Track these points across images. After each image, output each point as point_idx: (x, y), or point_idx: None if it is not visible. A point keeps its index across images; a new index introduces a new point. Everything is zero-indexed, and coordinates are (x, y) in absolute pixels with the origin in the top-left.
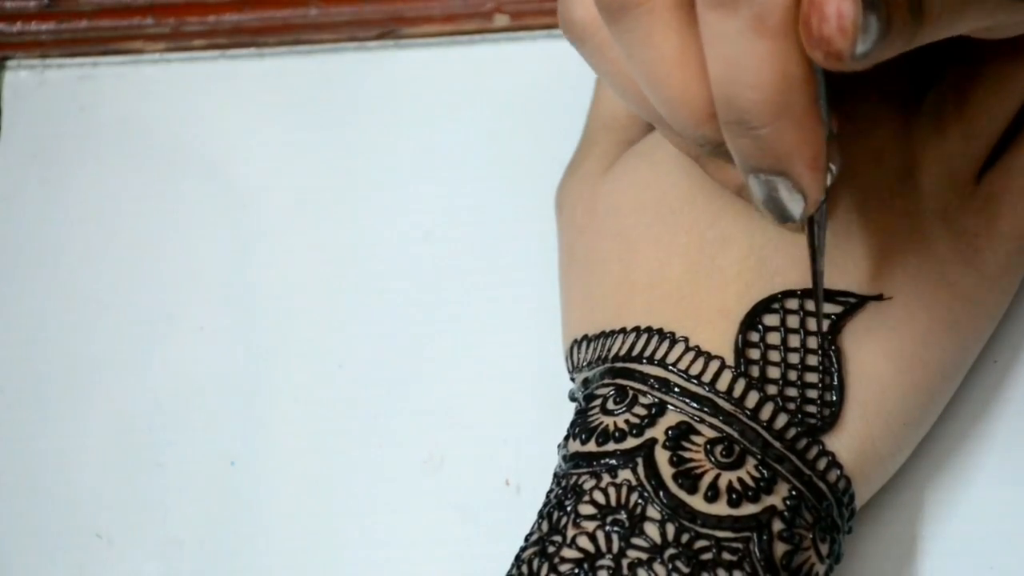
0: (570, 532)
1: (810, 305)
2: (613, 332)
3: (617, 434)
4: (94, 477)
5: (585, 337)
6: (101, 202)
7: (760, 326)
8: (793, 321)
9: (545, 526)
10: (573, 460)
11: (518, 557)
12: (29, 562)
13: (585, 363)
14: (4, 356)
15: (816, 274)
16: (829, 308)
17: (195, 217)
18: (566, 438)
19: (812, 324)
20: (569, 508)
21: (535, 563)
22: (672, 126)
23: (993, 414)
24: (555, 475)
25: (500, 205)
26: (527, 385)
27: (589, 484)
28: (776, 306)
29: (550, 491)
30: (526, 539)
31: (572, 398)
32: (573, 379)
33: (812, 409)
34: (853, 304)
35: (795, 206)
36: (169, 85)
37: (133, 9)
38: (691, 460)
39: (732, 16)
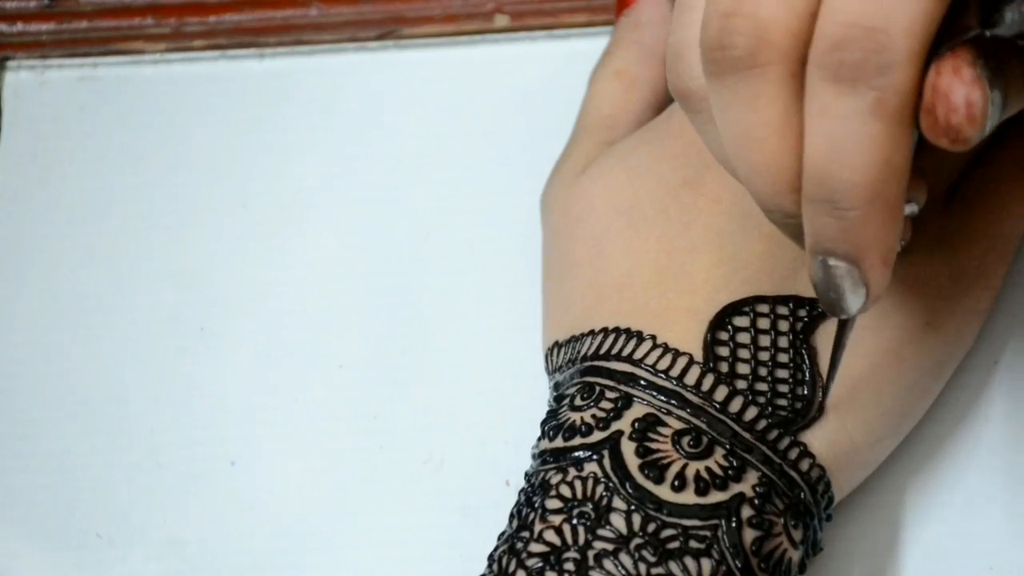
0: (537, 527)
1: (781, 310)
2: (583, 335)
3: (583, 428)
4: (94, 477)
5: (557, 343)
6: (101, 202)
7: (730, 326)
8: (764, 323)
9: (514, 523)
10: (541, 457)
11: (490, 556)
12: (29, 562)
13: (557, 368)
14: (4, 356)
15: (833, 367)
16: (802, 312)
17: (195, 217)
18: (538, 438)
19: (783, 326)
20: (537, 504)
21: (504, 560)
22: (751, 192)
23: (995, 414)
24: (526, 474)
25: (500, 205)
26: (527, 385)
27: (556, 479)
28: (746, 309)
29: (521, 490)
30: (498, 538)
31: (549, 405)
32: (550, 387)
33: (783, 403)
34: None
35: (855, 299)
36: (169, 85)
37: (133, 9)
38: (658, 451)
39: (850, 94)
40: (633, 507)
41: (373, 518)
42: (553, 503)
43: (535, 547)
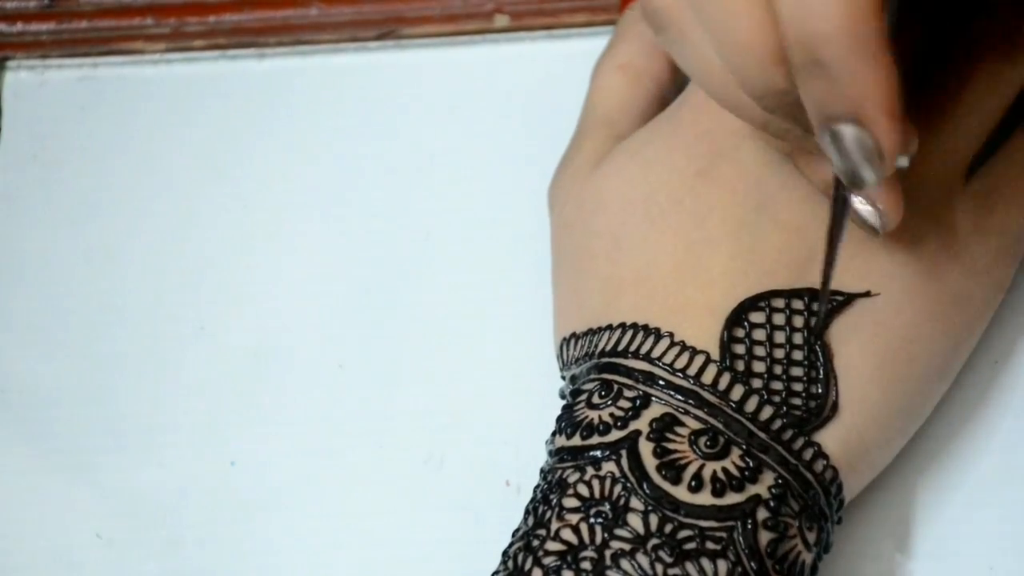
0: (554, 525)
1: (796, 304)
2: (600, 329)
3: (601, 427)
4: (94, 477)
5: (574, 335)
6: (101, 202)
7: (746, 323)
8: (779, 319)
9: (531, 521)
10: (558, 455)
11: (505, 552)
12: (29, 562)
13: (573, 360)
14: (4, 356)
15: (828, 264)
16: (816, 306)
17: (195, 217)
18: (553, 434)
19: (798, 322)
20: (554, 502)
21: (520, 557)
22: (742, 80)
23: (995, 414)
24: (541, 471)
25: (500, 205)
26: (527, 385)
27: (573, 477)
28: (762, 304)
29: (536, 487)
30: (513, 535)
31: (562, 396)
32: (563, 377)
33: (797, 402)
34: (841, 302)
35: (870, 165)
36: (169, 85)
37: (133, 9)
38: (675, 451)
39: None
40: (650, 507)
41: (373, 518)
42: (570, 502)
43: (552, 545)
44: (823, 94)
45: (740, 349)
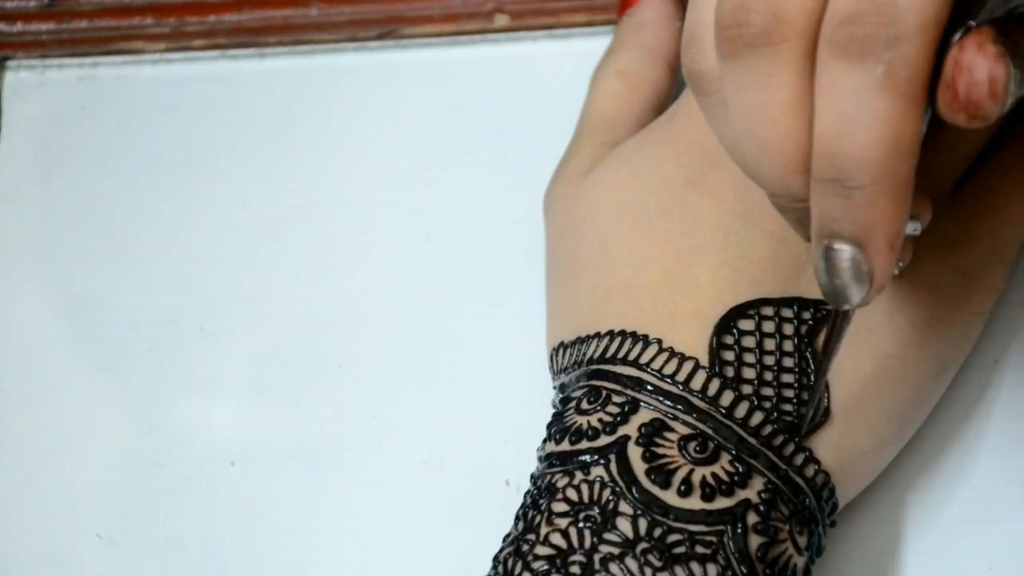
0: (543, 530)
1: (785, 312)
2: (589, 337)
3: (590, 432)
4: (94, 477)
5: (562, 344)
6: (101, 202)
7: (735, 330)
8: (768, 326)
9: (520, 526)
10: (548, 460)
11: (495, 558)
12: (29, 562)
13: (563, 369)
14: (4, 356)
15: (827, 360)
16: (807, 315)
17: (195, 217)
18: (544, 440)
19: (788, 329)
20: (543, 507)
21: (510, 562)
22: (759, 175)
23: (995, 414)
24: (532, 476)
25: (500, 206)
26: (527, 385)
27: (562, 482)
28: (751, 312)
29: (527, 492)
30: (503, 540)
31: (554, 406)
32: (554, 387)
33: (788, 408)
34: (831, 310)
35: (859, 288)
36: (169, 85)
37: (133, 9)
38: (664, 456)
39: (859, 68)
40: (639, 512)
41: (373, 518)
42: (559, 506)
43: (541, 550)
44: (835, 211)
45: (729, 356)
